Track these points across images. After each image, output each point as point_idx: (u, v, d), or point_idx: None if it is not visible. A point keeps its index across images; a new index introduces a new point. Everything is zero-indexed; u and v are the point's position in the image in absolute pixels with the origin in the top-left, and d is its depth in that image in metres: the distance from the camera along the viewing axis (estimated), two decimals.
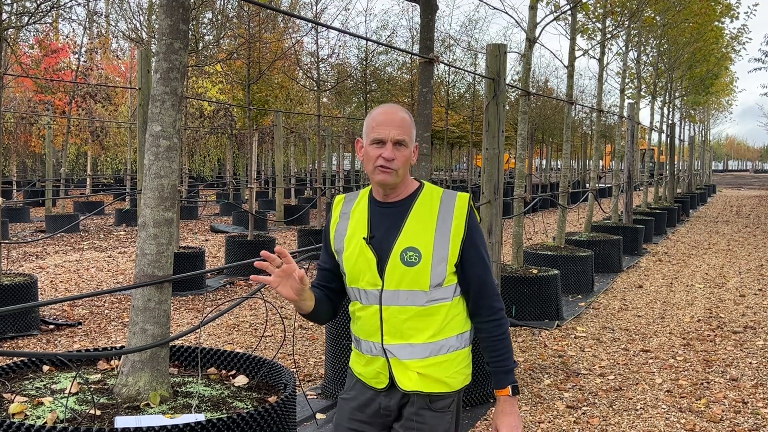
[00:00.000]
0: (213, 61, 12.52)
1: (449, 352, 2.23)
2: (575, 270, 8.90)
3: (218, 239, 14.31)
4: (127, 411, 2.83)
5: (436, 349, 2.21)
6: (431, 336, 2.21)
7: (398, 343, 2.23)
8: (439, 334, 2.21)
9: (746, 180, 64.86)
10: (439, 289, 2.20)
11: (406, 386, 2.23)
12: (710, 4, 15.42)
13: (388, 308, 2.22)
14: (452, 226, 2.19)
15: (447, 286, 2.21)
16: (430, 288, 2.19)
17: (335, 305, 2.46)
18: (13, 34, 12.93)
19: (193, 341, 6.37)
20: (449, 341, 2.23)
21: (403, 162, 2.20)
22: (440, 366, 2.23)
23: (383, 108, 2.26)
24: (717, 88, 27.48)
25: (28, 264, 10.78)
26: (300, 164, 41.05)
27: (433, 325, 2.21)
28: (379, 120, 2.22)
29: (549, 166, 35.86)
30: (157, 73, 3.01)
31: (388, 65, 19.25)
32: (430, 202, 2.23)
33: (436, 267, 2.17)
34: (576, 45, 10.01)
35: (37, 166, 31.22)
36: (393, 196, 2.26)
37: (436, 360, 2.22)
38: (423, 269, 2.17)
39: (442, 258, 2.18)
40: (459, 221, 2.20)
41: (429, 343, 2.21)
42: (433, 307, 2.21)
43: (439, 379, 2.23)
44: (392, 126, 2.20)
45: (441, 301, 2.21)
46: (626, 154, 13.87)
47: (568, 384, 5.38)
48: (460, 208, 2.22)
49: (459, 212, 2.21)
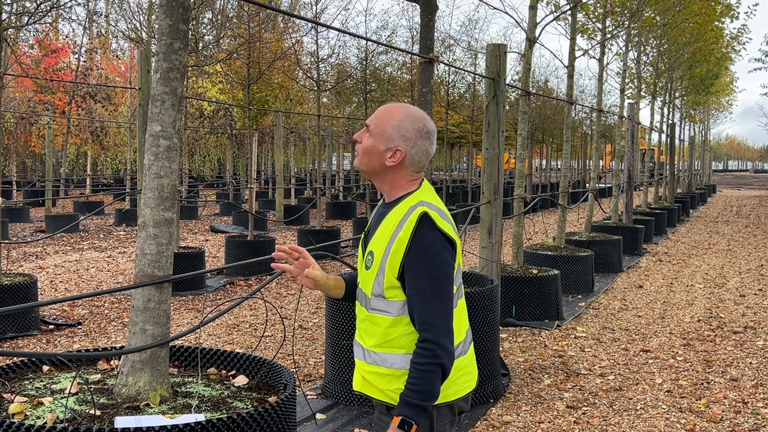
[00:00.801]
0: (213, 61, 12.52)
1: (392, 367, 2.15)
2: (575, 270, 8.90)
3: (218, 239, 14.31)
4: (127, 411, 2.83)
5: (378, 359, 2.17)
6: (375, 345, 2.17)
7: (357, 341, 2.27)
8: (382, 346, 2.16)
9: (746, 180, 64.86)
10: (381, 300, 2.15)
11: (354, 384, 2.27)
12: (710, 4, 15.42)
13: (357, 305, 2.28)
14: (397, 238, 2.10)
15: (391, 301, 2.14)
16: (372, 295, 2.17)
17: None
18: (13, 34, 12.93)
19: (193, 341, 6.37)
20: (392, 358, 2.15)
21: (361, 149, 2.20)
22: (383, 378, 2.17)
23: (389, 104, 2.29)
24: (717, 88, 27.48)
25: (28, 264, 10.78)
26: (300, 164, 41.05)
27: (376, 335, 2.16)
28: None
29: (549, 166, 35.86)
30: (157, 73, 3.01)
31: (388, 65, 19.25)
32: (400, 211, 2.16)
33: (379, 276, 2.14)
34: (576, 45, 10.01)
35: (37, 166, 31.22)
36: (388, 197, 2.25)
37: (378, 370, 2.17)
38: (371, 275, 2.17)
39: (383, 269, 2.12)
40: (404, 235, 2.09)
41: (372, 350, 2.18)
42: (375, 317, 2.17)
43: (381, 389, 2.17)
44: (373, 115, 2.23)
45: (382, 314, 2.16)
46: (626, 154, 13.87)
47: (568, 384, 5.38)
48: (409, 222, 2.10)
49: (407, 226, 2.10)
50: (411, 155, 2.18)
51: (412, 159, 2.19)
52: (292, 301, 8.24)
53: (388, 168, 2.19)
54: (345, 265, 5.36)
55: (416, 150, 2.18)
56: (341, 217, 19.18)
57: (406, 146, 2.17)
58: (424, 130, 2.19)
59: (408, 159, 2.18)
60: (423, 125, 2.19)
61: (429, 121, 2.23)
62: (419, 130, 2.19)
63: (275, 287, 9.09)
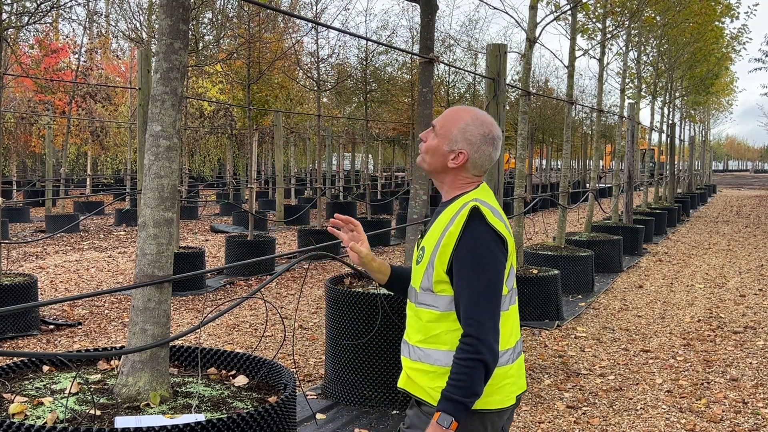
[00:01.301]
0: (213, 61, 12.52)
1: (435, 364, 2.14)
2: (575, 270, 8.90)
3: (218, 239, 14.31)
4: (127, 411, 2.83)
5: (422, 355, 2.17)
6: (420, 341, 2.18)
7: (404, 339, 2.28)
8: (426, 342, 2.16)
9: (746, 180, 64.85)
10: (429, 295, 2.16)
11: (399, 382, 2.27)
12: (710, 4, 15.41)
13: (408, 302, 2.29)
14: (447, 233, 2.13)
15: (439, 295, 2.15)
16: (420, 289, 2.19)
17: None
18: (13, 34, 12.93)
19: (193, 341, 6.37)
20: (436, 354, 2.14)
21: (426, 147, 2.24)
22: (425, 375, 2.16)
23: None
24: (717, 88, 27.47)
25: (28, 264, 10.78)
26: (300, 164, 41.04)
27: (422, 330, 2.18)
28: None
29: (549, 166, 35.84)
30: (157, 73, 3.01)
31: (388, 65, 19.24)
32: (454, 208, 2.18)
33: (428, 270, 2.16)
34: (576, 45, 10.01)
35: (37, 166, 31.21)
36: (445, 196, 2.28)
37: (421, 366, 2.17)
38: (420, 269, 2.19)
39: (432, 263, 2.15)
40: (454, 229, 2.11)
41: (416, 346, 2.18)
42: (421, 311, 2.19)
43: (423, 387, 2.16)
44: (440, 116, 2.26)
45: (428, 308, 2.17)
46: (626, 154, 13.86)
47: (568, 384, 5.38)
48: (461, 216, 2.13)
49: (458, 221, 2.12)
50: (473, 159, 2.21)
51: (475, 163, 2.21)
52: (292, 301, 8.24)
53: (450, 169, 2.22)
54: (345, 265, 5.36)
55: (479, 154, 2.21)
56: None
57: (469, 150, 2.20)
58: (489, 136, 2.21)
59: (470, 162, 2.21)
60: (489, 131, 2.21)
61: (496, 126, 2.24)
62: (484, 135, 2.21)
63: (275, 287, 9.09)
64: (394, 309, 4.62)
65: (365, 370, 4.71)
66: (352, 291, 4.77)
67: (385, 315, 4.61)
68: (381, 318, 4.61)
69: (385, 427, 4.43)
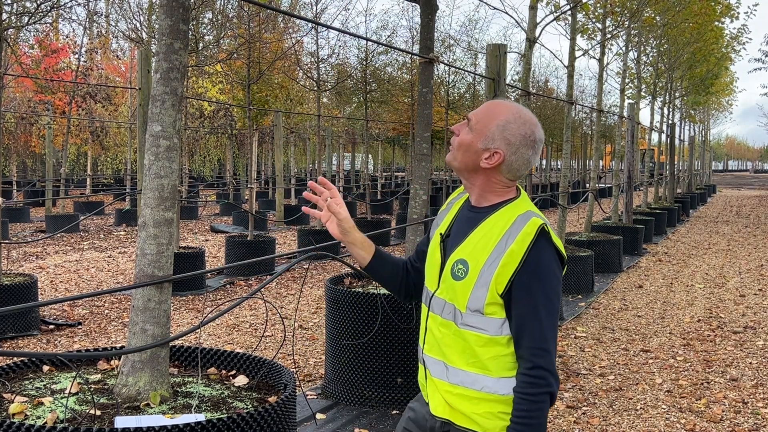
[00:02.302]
0: (213, 61, 12.52)
1: (483, 391, 1.94)
2: (575, 270, 8.90)
3: (218, 239, 14.31)
4: (127, 411, 2.83)
5: (468, 380, 1.95)
6: (466, 364, 1.95)
7: (433, 357, 2.04)
8: (474, 366, 1.95)
9: (746, 180, 64.85)
10: (479, 317, 1.93)
11: (432, 408, 2.05)
12: (710, 4, 15.42)
13: (433, 316, 2.05)
14: (507, 251, 1.88)
15: (490, 318, 1.92)
16: (467, 311, 1.94)
17: (409, 280, 2.28)
18: (13, 34, 12.93)
19: (193, 341, 6.37)
20: (484, 380, 1.94)
21: (458, 143, 2.01)
22: (469, 401, 1.95)
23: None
24: (717, 88, 27.47)
25: (28, 264, 10.78)
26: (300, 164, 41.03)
27: (468, 354, 1.95)
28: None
29: (549, 166, 35.86)
30: (157, 73, 3.01)
31: (388, 65, 19.24)
32: (505, 218, 1.96)
33: (478, 290, 1.92)
34: (576, 45, 10.01)
35: (37, 166, 31.21)
36: (477, 200, 2.05)
37: (465, 392, 1.96)
38: (465, 287, 1.95)
39: (485, 282, 1.90)
40: (518, 247, 1.88)
41: (462, 370, 1.96)
42: (467, 333, 1.95)
43: (465, 413, 1.96)
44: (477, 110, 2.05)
45: (477, 331, 1.94)
46: (626, 154, 13.87)
47: (568, 384, 5.38)
48: (525, 234, 1.89)
49: (522, 238, 1.89)
50: (510, 161, 1.98)
51: (510, 166, 1.99)
52: (292, 301, 8.24)
53: (482, 169, 2.00)
54: (345, 265, 5.36)
55: (517, 157, 1.98)
56: None
57: (506, 150, 1.97)
58: (530, 138, 1.99)
59: (506, 165, 1.99)
60: (531, 132, 1.99)
61: (538, 128, 2.02)
62: (525, 136, 1.98)
63: (275, 287, 9.09)
64: (394, 309, 4.62)
65: (365, 370, 4.71)
66: (352, 291, 4.77)
67: (385, 315, 4.61)
68: (381, 318, 4.61)
69: (385, 427, 4.43)
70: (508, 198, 2.02)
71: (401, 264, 2.29)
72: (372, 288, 5.06)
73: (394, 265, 2.27)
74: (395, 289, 2.29)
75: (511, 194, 2.04)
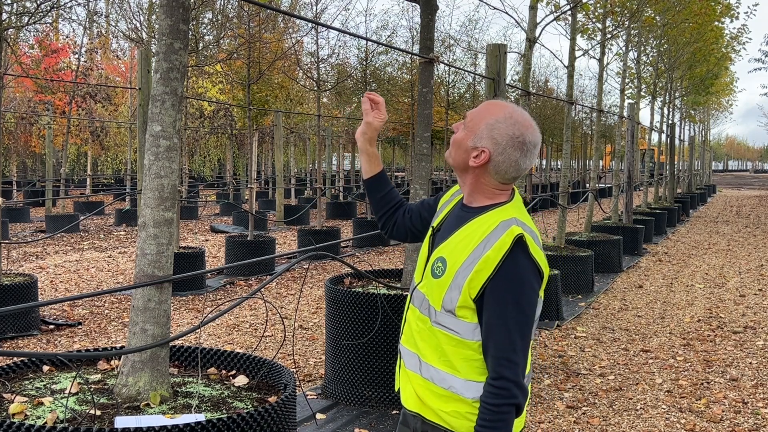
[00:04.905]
0: (213, 61, 12.52)
1: (450, 390, 1.94)
2: (575, 270, 8.90)
3: (218, 239, 14.31)
4: (127, 411, 2.83)
5: (437, 377, 1.96)
6: (437, 361, 1.96)
7: (409, 349, 2.06)
8: (444, 364, 1.95)
9: (746, 180, 64.87)
10: (451, 318, 1.93)
11: (403, 400, 2.08)
12: (710, 4, 15.42)
13: (413, 309, 2.07)
14: (483, 257, 1.87)
15: (461, 320, 1.92)
16: (441, 309, 1.95)
17: (397, 216, 2.36)
18: (13, 34, 12.93)
19: (193, 341, 6.37)
20: (451, 379, 1.94)
21: (453, 140, 2.03)
22: (438, 398, 1.97)
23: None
24: (717, 88, 27.47)
25: (28, 264, 10.78)
26: (300, 164, 41.05)
27: (439, 352, 1.96)
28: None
29: (549, 166, 35.86)
30: (157, 73, 3.01)
31: (388, 65, 19.25)
32: (489, 222, 1.94)
33: (452, 290, 1.92)
34: (576, 45, 10.02)
35: (37, 166, 31.21)
36: (468, 199, 2.05)
37: (434, 388, 1.97)
38: (441, 286, 1.95)
39: (459, 285, 1.91)
40: (494, 255, 1.87)
41: (433, 366, 1.97)
42: (439, 332, 1.96)
43: (434, 409, 1.97)
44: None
45: (448, 331, 1.94)
46: (626, 154, 13.87)
47: (568, 384, 5.38)
48: (502, 242, 1.87)
49: (500, 245, 1.87)
50: (496, 162, 1.95)
51: (497, 167, 1.96)
52: (292, 301, 8.25)
53: (470, 168, 1.99)
54: (345, 265, 5.37)
55: (503, 158, 1.95)
56: (341, 217, 19.18)
57: (493, 150, 1.94)
58: (518, 139, 1.94)
59: (492, 165, 1.96)
60: (520, 133, 1.94)
61: (532, 131, 1.97)
62: (513, 137, 1.94)
63: (275, 287, 9.09)
64: (394, 309, 4.63)
65: (365, 370, 4.72)
66: (352, 291, 4.77)
67: (385, 315, 4.61)
68: (381, 318, 4.61)
69: (385, 427, 4.43)
70: (498, 201, 2.00)
71: (400, 199, 2.37)
72: (372, 288, 5.06)
73: (392, 193, 2.35)
74: (382, 214, 2.37)
75: (502, 198, 2.01)
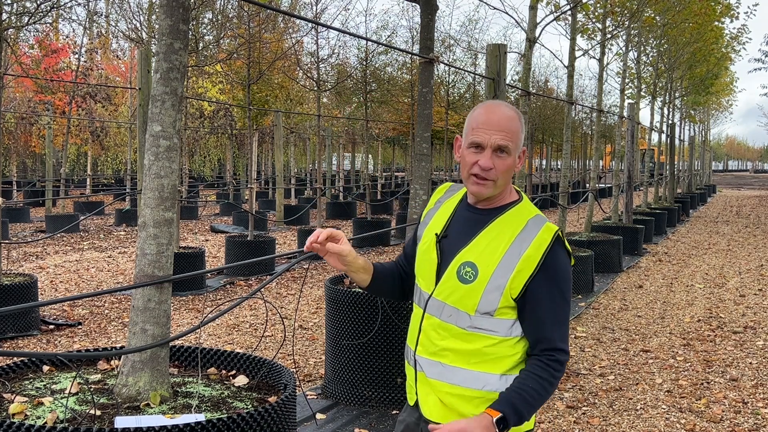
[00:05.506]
0: (213, 61, 12.52)
1: (484, 389, 1.93)
2: (575, 270, 8.90)
3: (218, 239, 14.31)
4: (127, 411, 2.83)
5: (469, 379, 1.93)
6: (469, 363, 1.94)
7: (428, 358, 2.01)
8: (478, 364, 1.93)
9: (746, 180, 64.85)
10: (488, 319, 1.92)
11: (425, 411, 2.02)
12: (710, 4, 15.42)
13: (430, 318, 2.01)
14: (523, 256, 1.88)
15: (499, 319, 1.92)
16: (476, 313, 1.92)
17: (405, 286, 2.26)
18: (13, 34, 12.93)
19: (193, 341, 6.37)
20: (488, 378, 1.93)
21: (503, 171, 1.94)
22: (469, 401, 1.94)
23: (487, 106, 1.99)
24: (717, 88, 27.47)
25: (28, 264, 10.78)
26: (300, 164, 41.05)
27: (472, 354, 1.94)
28: (480, 120, 1.95)
29: (549, 166, 35.86)
30: (157, 73, 3.01)
31: (388, 65, 19.24)
32: (515, 221, 1.95)
33: (490, 293, 1.90)
34: (576, 45, 10.02)
35: (37, 166, 31.21)
36: (485, 203, 2.01)
37: (464, 392, 1.94)
38: (475, 290, 1.91)
39: (499, 286, 1.89)
40: (534, 252, 1.88)
41: (462, 368, 1.94)
42: (475, 335, 1.94)
43: (464, 414, 1.93)
44: (495, 129, 1.92)
45: (486, 333, 1.93)
46: (626, 154, 13.87)
47: (568, 384, 5.38)
48: (542, 239, 1.90)
49: (538, 243, 1.89)
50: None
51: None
52: (292, 301, 8.25)
53: (510, 176, 2.02)
54: None
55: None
56: (341, 217, 19.18)
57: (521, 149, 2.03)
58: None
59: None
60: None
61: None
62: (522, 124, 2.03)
63: (275, 287, 9.09)
64: (394, 309, 4.63)
65: (365, 370, 4.72)
66: (352, 291, 4.77)
67: (385, 315, 4.61)
68: (381, 318, 4.61)
69: (385, 427, 4.43)
70: (513, 200, 2.02)
71: (396, 273, 2.27)
72: None
73: (391, 277, 2.26)
74: (394, 297, 2.31)
75: (514, 196, 2.03)
